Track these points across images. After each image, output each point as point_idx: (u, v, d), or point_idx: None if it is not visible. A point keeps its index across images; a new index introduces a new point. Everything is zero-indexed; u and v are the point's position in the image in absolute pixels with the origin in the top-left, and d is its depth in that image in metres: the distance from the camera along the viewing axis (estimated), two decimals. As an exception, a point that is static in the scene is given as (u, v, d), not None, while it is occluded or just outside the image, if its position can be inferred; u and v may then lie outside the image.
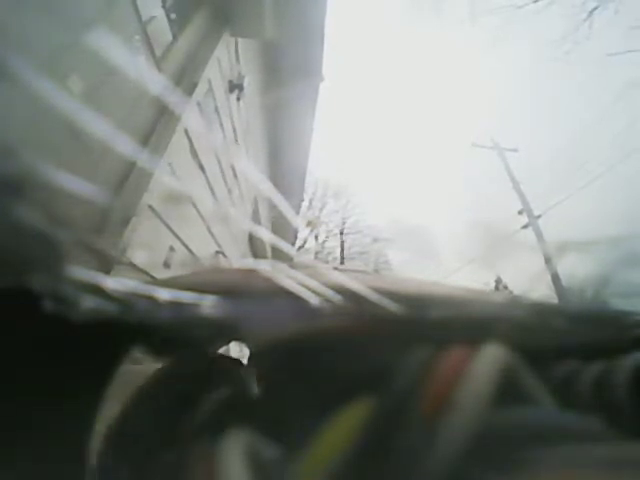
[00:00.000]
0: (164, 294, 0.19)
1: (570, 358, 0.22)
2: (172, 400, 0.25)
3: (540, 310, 0.22)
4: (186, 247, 1.88)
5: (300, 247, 11.96)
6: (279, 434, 0.20)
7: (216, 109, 2.15)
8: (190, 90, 1.76)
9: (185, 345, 0.29)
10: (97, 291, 0.18)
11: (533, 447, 0.13)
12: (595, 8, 6.07)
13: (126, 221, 1.32)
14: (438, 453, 0.14)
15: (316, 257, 12.49)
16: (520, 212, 7.20)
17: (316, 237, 13.35)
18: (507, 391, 0.16)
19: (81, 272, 0.18)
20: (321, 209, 13.54)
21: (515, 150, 8.34)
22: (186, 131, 1.73)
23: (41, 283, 0.17)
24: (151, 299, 0.19)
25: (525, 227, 7.01)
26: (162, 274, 1.61)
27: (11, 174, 0.18)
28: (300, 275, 0.20)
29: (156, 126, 1.58)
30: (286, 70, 3.19)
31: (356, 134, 29.35)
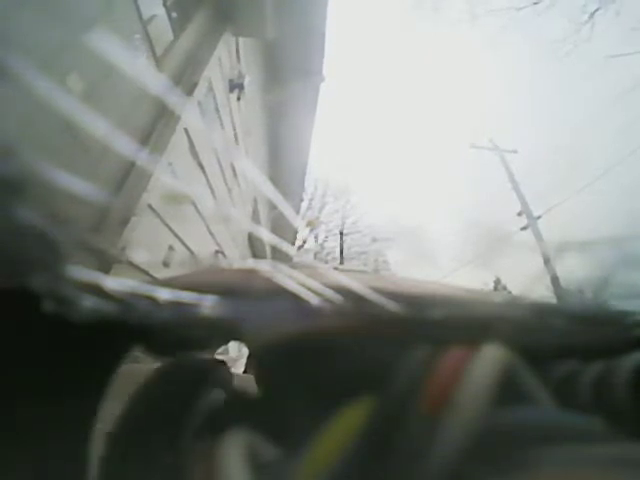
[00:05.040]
0: (164, 294, 0.19)
1: (570, 358, 0.22)
2: (171, 400, 0.25)
3: (540, 310, 0.22)
4: (186, 247, 1.88)
5: (300, 247, 11.95)
6: (279, 434, 0.20)
7: (216, 108, 2.15)
8: (190, 89, 1.76)
9: (185, 345, 0.29)
10: (97, 291, 0.18)
11: (533, 447, 0.13)
12: (596, 10, 6.08)
13: (126, 220, 1.32)
14: (438, 453, 0.14)
15: (315, 257, 12.49)
16: (519, 213, 7.20)
17: (315, 237, 13.35)
18: (507, 391, 0.16)
19: (81, 272, 0.18)
20: (321, 209, 13.53)
21: (515, 152, 8.34)
22: (186, 130, 1.73)
23: (41, 283, 0.17)
24: (151, 299, 0.19)
25: (524, 228, 7.01)
26: (161, 274, 1.61)
27: (11, 174, 0.18)
28: (300, 275, 0.20)
29: (156, 125, 1.58)
30: (287, 69, 3.19)
31: (356, 134, 29.37)
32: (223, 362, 0.29)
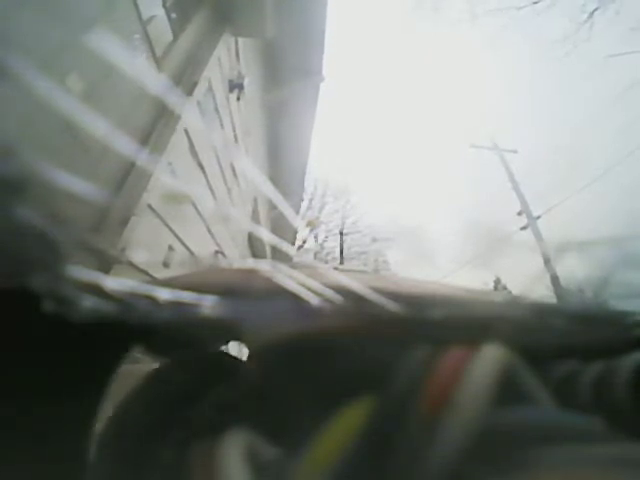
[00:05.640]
0: (164, 294, 0.19)
1: (570, 358, 0.22)
2: (171, 399, 0.25)
3: (540, 310, 0.22)
4: (185, 247, 1.88)
5: (299, 247, 11.94)
6: (279, 434, 0.20)
7: (216, 108, 2.15)
8: (190, 89, 1.76)
9: (185, 345, 0.29)
10: (97, 291, 0.18)
11: (533, 447, 0.13)
12: (596, 9, 6.08)
13: (125, 220, 1.32)
14: (438, 453, 0.14)
15: (315, 257, 12.49)
16: (519, 213, 7.20)
17: (315, 237, 13.34)
18: (507, 391, 0.16)
19: (81, 272, 0.18)
20: (320, 209, 13.52)
21: (514, 151, 8.34)
22: (186, 130, 1.73)
23: (41, 283, 0.17)
24: (151, 299, 0.19)
25: (524, 228, 7.01)
26: (161, 274, 1.61)
27: (11, 174, 0.18)
28: (300, 275, 0.20)
29: (156, 125, 1.58)
30: (286, 69, 3.19)
31: (356, 133, 29.36)
32: (231, 356, 0.29)
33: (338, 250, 13.02)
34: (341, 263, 12.21)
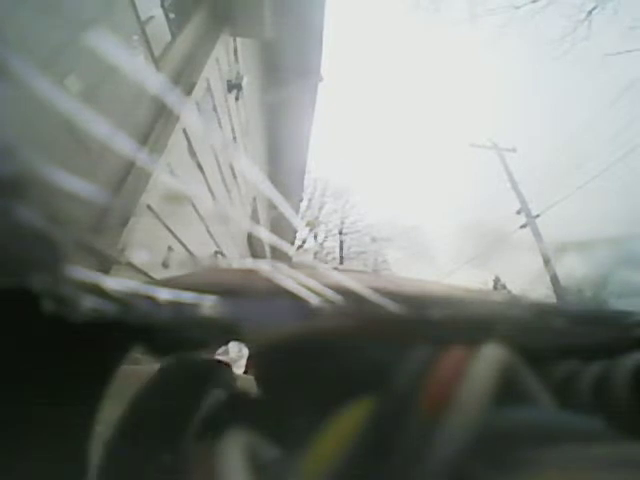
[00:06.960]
0: (164, 294, 0.19)
1: (570, 358, 0.22)
2: (172, 401, 0.25)
3: (540, 310, 0.22)
4: (185, 247, 1.88)
5: (299, 247, 11.93)
6: (279, 434, 0.20)
7: (215, 109, 2.15)
8: (189, 90, 1.76)
9: (185, 345, 0.29)
10: (97, 291, 0.18)
11: (533, 447, 0.13)
12: (594, 8, 6.09)
13: (125, 221, 1.32)
14: (438, 453, 0.14)
15: (315, 257, 12.48)
16: (518, 212, 7.20)
17: (315, 237, 13.33)
18: (507, 391, 0.16)
19: (81, 272, 0.18)
20: (320, 209, 13.51)
21: (513, 150, 8.34)
22: (185, 131, 1.72)
23: (41, 283, 0.17)
24: (151, 299, 0.19)
25: (523, 227, 7.00)
26: (161, 274, 1.61)
27: (10, 174, 0.18)
28: (300, 275, 0.20)
29: (155, 126, 1.58)
30: (285, 70, 3.19)
31: (355, 134, 29.37)
32: (224, 363, 0.29)
33: (338, 250, 13.01)
34: (341, 263, 12.22)
